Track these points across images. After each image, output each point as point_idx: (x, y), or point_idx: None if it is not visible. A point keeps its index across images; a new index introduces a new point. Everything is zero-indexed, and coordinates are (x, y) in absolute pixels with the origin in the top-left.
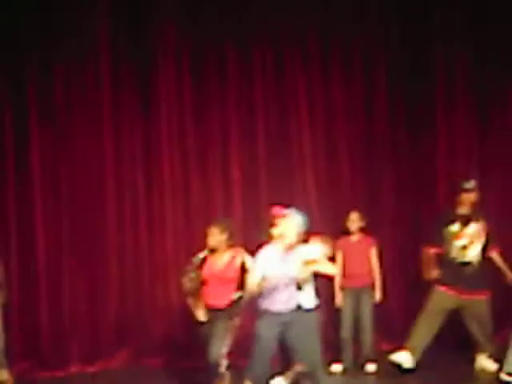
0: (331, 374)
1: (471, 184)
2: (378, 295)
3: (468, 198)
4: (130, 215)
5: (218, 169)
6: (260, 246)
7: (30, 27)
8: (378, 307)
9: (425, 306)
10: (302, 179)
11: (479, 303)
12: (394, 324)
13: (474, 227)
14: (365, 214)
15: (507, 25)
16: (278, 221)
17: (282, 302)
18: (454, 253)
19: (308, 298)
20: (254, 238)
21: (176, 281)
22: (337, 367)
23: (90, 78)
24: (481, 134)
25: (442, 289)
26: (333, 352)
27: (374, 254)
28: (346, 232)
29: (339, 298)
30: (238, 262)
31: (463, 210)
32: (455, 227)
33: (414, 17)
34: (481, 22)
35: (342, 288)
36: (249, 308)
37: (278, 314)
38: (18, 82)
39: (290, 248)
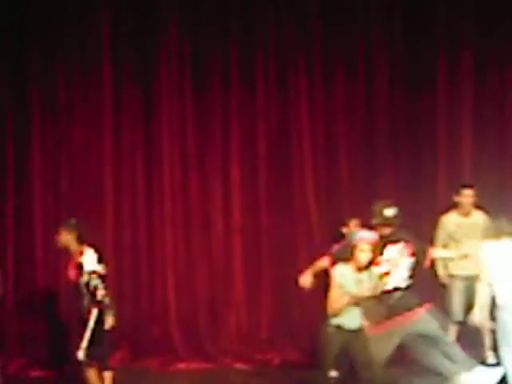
0: None
1: (391, 212)
2: None
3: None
4: (128, 216)
5: (218, 170)
6: None
7: (32, 27)
8: None
9: None
10: (302, 182)
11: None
12: None
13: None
14: (364, 217)
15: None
16: (367, 246)
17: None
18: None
19: None
20: (250, 239)
21: (174, 281)
22: None
23: (92, 78)
24: (480, 139)
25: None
26: None
27: None
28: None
29: None
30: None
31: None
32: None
33: (416, 15)
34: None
35: None
36: None
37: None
38: (21, 81)
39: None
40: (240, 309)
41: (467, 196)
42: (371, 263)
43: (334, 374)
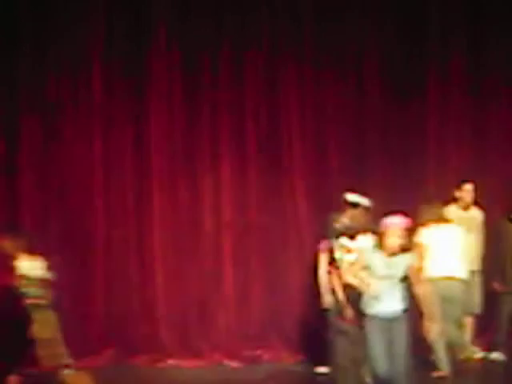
0: None
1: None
2: None
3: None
4: (118, 213)
5: (208, 167)
6: None
7: (23, 25)
8: None
9: None
10: (291, 180)
11: None
12: None
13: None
14: None
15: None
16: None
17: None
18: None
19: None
20: (240, 236)
21: (163, 279)
22: None
23: (82, 75)
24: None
25: None
26: None
27: None
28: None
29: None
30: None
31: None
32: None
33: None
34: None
35: None
36: None
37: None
38: (11, 81)
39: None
40: (229, 306)
41: (467, 191)
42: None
43: (322, 369)
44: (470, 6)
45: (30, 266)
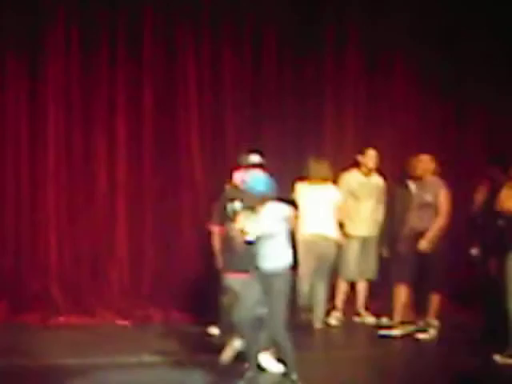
0: None
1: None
2: None
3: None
4: (11, 169)
5: (103, 124)
6: None
7: None
8: None
9: None
10: (187, 139)
11: None
12: None
13: None
14: None
15: None
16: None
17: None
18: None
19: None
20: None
21: (56, 236)
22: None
23: None
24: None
25: None
26: None
27: None
28: None
29: None
30: None
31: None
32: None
33: None
34: None
35: None
36: None
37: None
38: None
39: None
40: (122, 265)
41: (370, 156)
42: None
43: (214, 330)
44: None
45: None
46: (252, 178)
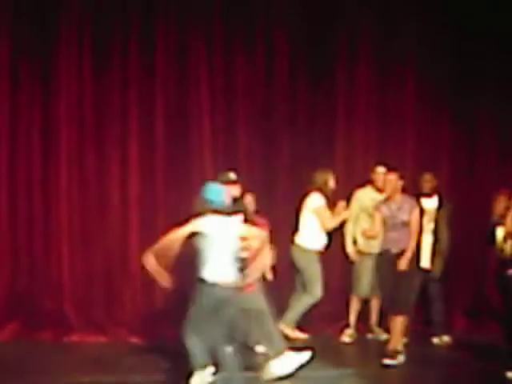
0: None
1: (229, 177)
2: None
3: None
4: (24, 188)
5: (116, 143)
6: None
7: None
8: None
9: None
10: (200, 160)
11: None
12: None
13: None
14: (261, 196)
15: None
16: None
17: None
18: None
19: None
20: (147, 213)
21: (69, 254)
22: None
23: None
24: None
25: None
26: None
27: None
28: None
29: None
30: None
31: None
32: None
33: None
34: None
35: None
36: None
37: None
38: None
39: None
40: (135, 282)
41: (380, 174)
42: None
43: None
44: None
45: None
46: (209, 188)
